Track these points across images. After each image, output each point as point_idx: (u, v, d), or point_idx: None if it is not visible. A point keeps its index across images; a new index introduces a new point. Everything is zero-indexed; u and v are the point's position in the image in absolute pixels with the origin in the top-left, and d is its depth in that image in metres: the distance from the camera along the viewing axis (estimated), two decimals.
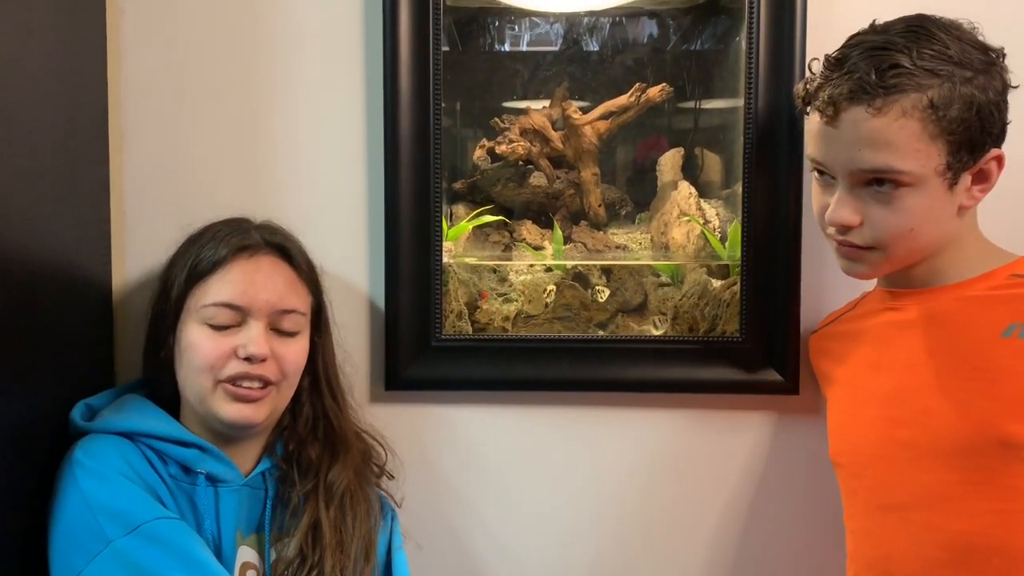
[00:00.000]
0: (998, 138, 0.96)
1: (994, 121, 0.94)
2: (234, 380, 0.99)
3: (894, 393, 1.00)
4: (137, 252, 1.19)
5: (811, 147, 1.00)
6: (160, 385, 1.05)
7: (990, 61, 0.94)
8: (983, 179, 0.97)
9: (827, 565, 1.15)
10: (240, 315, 1.00)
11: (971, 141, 0.93)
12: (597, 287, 1.27)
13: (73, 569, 0.90)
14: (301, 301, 1.05)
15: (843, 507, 1.07)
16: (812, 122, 1.00)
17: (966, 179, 0.96)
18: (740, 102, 1.18)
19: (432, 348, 1.20)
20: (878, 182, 0.95)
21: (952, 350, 0.97)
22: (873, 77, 0.92)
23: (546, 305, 1.26)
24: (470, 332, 1.23)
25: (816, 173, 1.02)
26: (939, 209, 0.96)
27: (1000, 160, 0.97)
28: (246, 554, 1.02)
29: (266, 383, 1.00)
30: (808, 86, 0.99)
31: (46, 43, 1.00)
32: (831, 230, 1.01)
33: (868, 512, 1.03)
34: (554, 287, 1.26)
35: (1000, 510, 0.91)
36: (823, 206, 1.01)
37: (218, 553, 0.98)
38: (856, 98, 0.93)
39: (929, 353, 0.98)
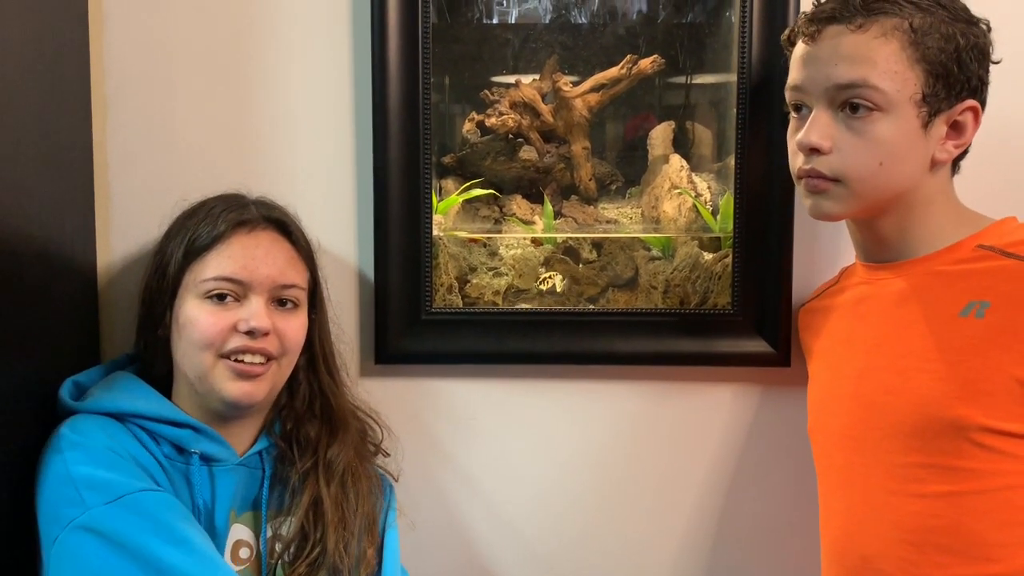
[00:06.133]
0: (976, 91, 0.96)
1: (972, 69, 0.94)
2: (236, 355, 0.97)
3: (863, 371, 1.00)
4: (122, 225, 1.17)
5: (792, 75, 1.00)
6: (154, 363, 1.04)
7: (975, 22, 0.96)
8: (958, 132, 0.97)
9: (813, 539, 1.15)
10: (241, 289, 0.98)
11: (948, 77, 0.93)
12: (582, 265, 1.26)
13: (51, 538, 0.88)
14: (300, 276, 1.03)
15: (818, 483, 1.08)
16: (795, 52, 1.00)
17: (941, 127, 0.96)
18: (731, 76, 1.17)
19: (422, 321, 1.19)
20: (852, 108, 0.94)
21: (914, 329, 0.96)
22: (858, 1, 0.94)
23: (538, 283, 1.25)
24: (460, 306, 1.23)
25: (793, 112, 1.02)
26: (910, 148, 0.95)
27: (976, 114, 0.96)
28: (239, 532, 1.01)
29: (268, 357, 0.99)
30: (794, 26, 1.00)
31: (24, 8, 0.98)
32: (800, 160, 0.99)
33: (835, 489, 1.03)
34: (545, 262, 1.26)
35: (954, 492, 0.91)
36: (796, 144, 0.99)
37: (210, 530, 0.97)
38: (839, 17, 0.95)
39: (894, 332, 0.98)
